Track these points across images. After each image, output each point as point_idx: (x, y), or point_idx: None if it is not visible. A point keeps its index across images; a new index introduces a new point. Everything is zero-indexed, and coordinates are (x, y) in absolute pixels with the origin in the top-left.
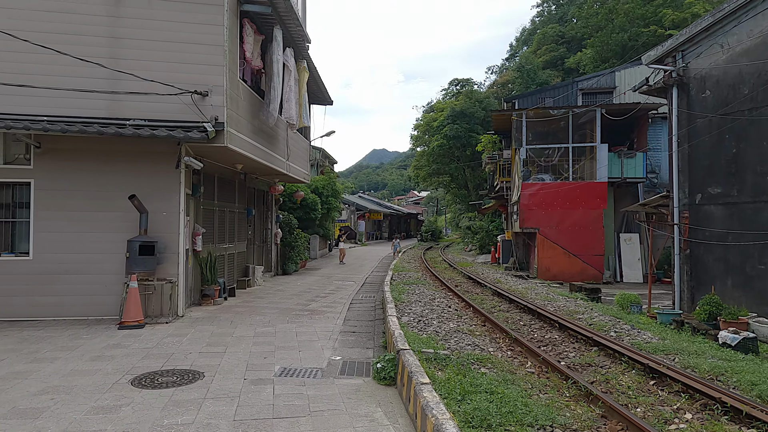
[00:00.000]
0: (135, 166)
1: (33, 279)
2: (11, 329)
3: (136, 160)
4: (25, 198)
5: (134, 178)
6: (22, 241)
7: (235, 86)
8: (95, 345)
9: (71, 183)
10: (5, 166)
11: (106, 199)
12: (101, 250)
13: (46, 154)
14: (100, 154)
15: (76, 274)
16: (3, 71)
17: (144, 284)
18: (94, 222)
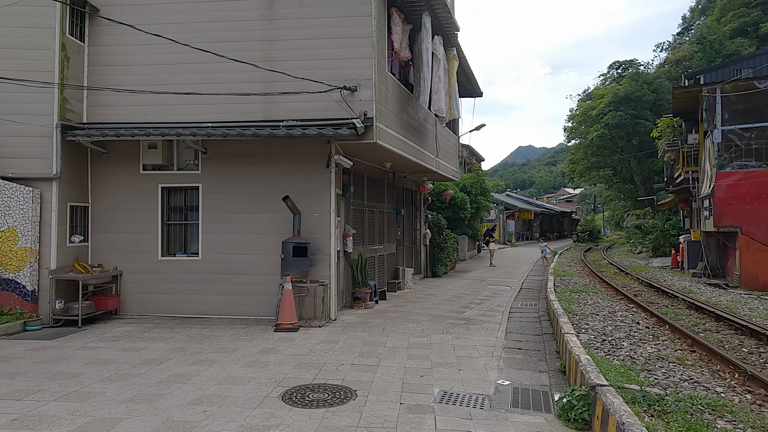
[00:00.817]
0: (288, 167)
1: (202, 278)
2: (183, 326)
3: (289, 161)
4: (195, 201)
5: (287, 179)
6: (193, 242)
7: (383, 79)
8: (252, 348)
9: (232, 186)
10: (179, 172)
11: (263, 201)
12: (259, 251)
13: (211, 159)
14: (256, 157)
15: (237, 274)
16: (174, 83)
17: (297, 286)
18: (252, 223)
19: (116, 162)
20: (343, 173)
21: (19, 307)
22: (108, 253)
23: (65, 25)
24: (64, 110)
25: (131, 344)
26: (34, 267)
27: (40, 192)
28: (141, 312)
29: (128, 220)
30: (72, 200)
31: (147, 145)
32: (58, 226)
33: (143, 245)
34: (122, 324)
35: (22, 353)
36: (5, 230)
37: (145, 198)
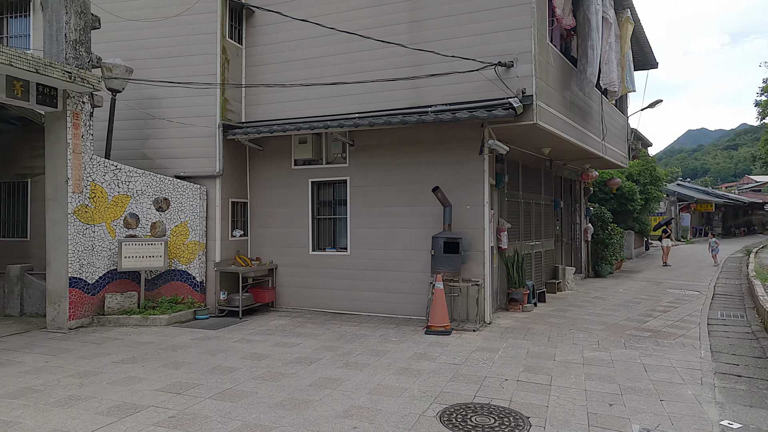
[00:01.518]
0: (437, 156)
1: (350, 274)
2: (332, 322)
3: (438, 149)
4: (343, 195)
5: (436, 169)
6: (342, 237)
7: (544, 51)
8: (403, 352)
9: (379, 178)
10: (327, 166)
11: (411, 193)
12: (408, 247)
13: (358, 151)
14: (404, 147)
15: (386, 270)
16: (321, 76)
17: (449, 285)
18: (400, 217)
19: (270, 158)
20: (496, 161)
21: (190, 296)
22: (265, 247)
23: (225, 29)
24: (225, 111)
25: (284, 339)
26: (202, 259)
27: (206, 189)
28: (294, 305)
29: (282, 214)
30: (233, 196)
31: (298, 141)
32: (221, 221)
33: (295, 239)
34: (277, 317)
35: (189, 342)
36: (178, 225)
37: (296, 193)
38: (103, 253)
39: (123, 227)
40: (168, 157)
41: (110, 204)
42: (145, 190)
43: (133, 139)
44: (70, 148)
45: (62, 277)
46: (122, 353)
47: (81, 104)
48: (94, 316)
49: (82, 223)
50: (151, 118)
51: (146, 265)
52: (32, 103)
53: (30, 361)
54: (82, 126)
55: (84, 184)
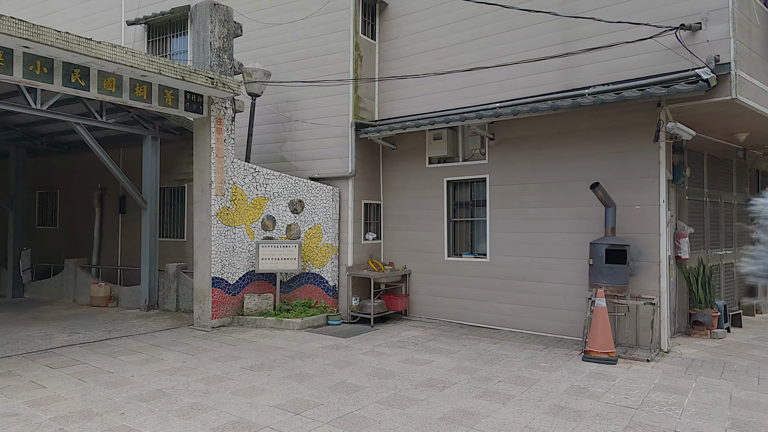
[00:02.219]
0: (594, 147)
1: (490, 283)
2: (469, 337)
3: (596, 139)
4: (482, 195)
5: (594, 163)
6: (480, 242)
7: (745, 5)
8: (555, 383)
9: (523, 175)
10: (464, 163)
11: (561, 192)
12: (558, 254)
13: (499, 145)
14: (553, 138)
15: (532, 281)
16: (457, 65)
17: (613, 302)
18: (548, 220)
19: (404, 157)
20: (673, 151)
21: (323, 300)
22: (398, 252)
23: (358, 25)
24: (357, 109)
25: (416, 354)
26: (335, 263)
27: (338, 190)
28: (428, 315)
29: (415, 217)
30: (365, 198)
31: (432, 137)
32: (353, 223)
33: (430, 244)
34: (409, 327)
35: (317, 351)
36: (312, 227)
37: (431, 193)
38: (243, 255)
39: (261, 229)
40: (303, 159)
41: (249, 206)
42: (281, 192)
43: (271, 143)
44: (213, 152)
45: (206, 277)
46: (252, 358)
47: (223, 109)
48: (234, 316)
49: (223, 224)
50: (288, 120)
51: (281, 267)
52: (181, 110)
53: (170, 359)
54: (225, 131)
55: (226, 187)
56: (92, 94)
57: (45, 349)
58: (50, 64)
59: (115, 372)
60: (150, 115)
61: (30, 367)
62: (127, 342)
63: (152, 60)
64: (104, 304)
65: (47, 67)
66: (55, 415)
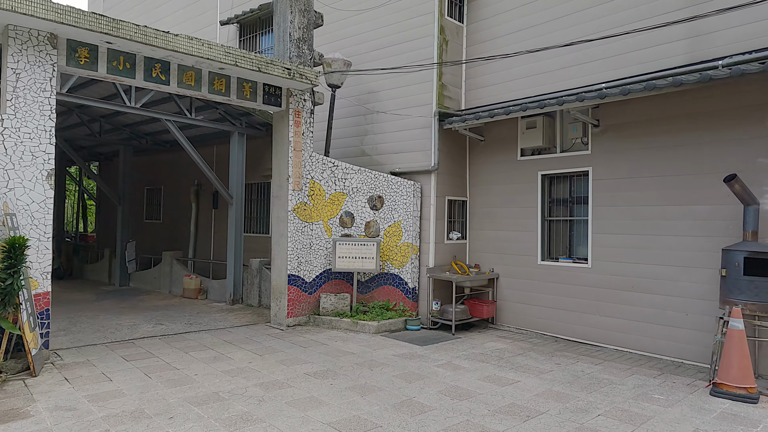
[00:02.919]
0: (729, 131)
1: (591, 293)
2: (564, 354)
3: (731, 121)
4: (583, 191)
5: (728, 150)
6: (580, 244)
7: None
8: (674, 425)
9: (633, 168)
10: (562, 155)
11: (683, 186)
12: (677, 261)
13: (605, 133)
14: (672, 122)
15: (642, 292)
16: (554, 42)
17: (754, 324)
18: (665, 220)
19: (493, 150)
20: None
21: (402, 303)
22: (485, 253)
23: (444, 6)
24: (442, 98)
25: (498, 371)
26: (415, 263)
27: (420, 186)
28: (518, 325)
29: (505, 215)
30: (450, 194)
31: (525, 126)
32: (436, 222)
33: (520, 245)
34: (495, 338)
35: (389, 359)
36: (392, 225)
37: (523, 189)
38: (320, 252)
39: (339, 226)
40: (384, 152)
41: (327, 202)
42: (360, 188)
43: (352, 136)
44: (291, 146)
45: (282, 274)
46: (319, 363)
47: (302, 102)
48: (310, 315)
49: (300, 220)
50: (369, 112)
51: (359, 266)
52: (259, 103)
53: (238, 359)
54: (303, 123)
55: (303, 182)
56: (172, 88)
57: (128, 339)
58: (132, 60)
59: (181, 369)
60: (237, 112)
61: (107, 357)
62: (203, 337)
63: (228, 52)
64: (194, 296)
65: (130, 63)
66: (108, 413)
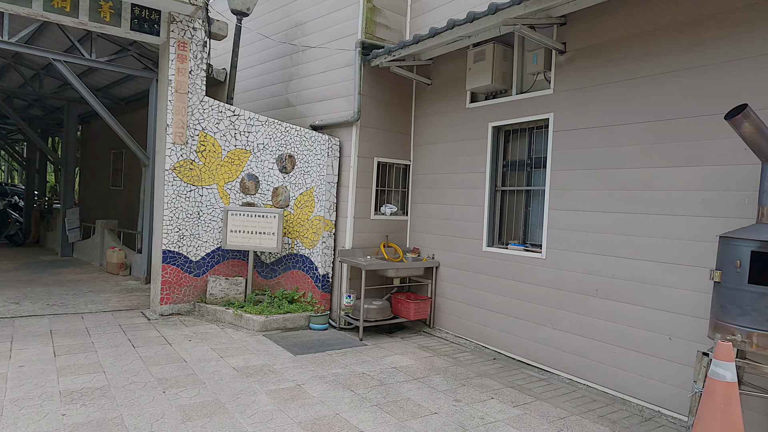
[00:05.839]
0: (755, 44)
1: (543, 295)
2: (489, 380)
3: (757, 29)
4: (543, 150)
5: (744, 77)
6: (537, 226)
7: None
8: None
9: (609, 112)
10: (519, 97)
11: (681, 137)
12: (665, 255)
13: (572, 62)
14: (667, 37)
15: (609, 299)
16: None
17: (764, 368)
18: (652, 190)
19: (441, 96)
20: None
21: (311, 294)
22: (428, 234)
23: None
24: (371, 24)
25: (348, 411)
26: (328, 243)
27: (339, 142)
28: (457, 331)
29: (450, 184)
30: (382, 155)
31: (473, 58)
32: (357, 190)
33: (465, 225)
34: (415, 348)
35: (224, 373)
36: (304, 192)
37: (471, 148)
38: (212, 224)
39: (239, 191)
40: (308, 101)
41: (224, 161)
42: (268, 144)
43: (278, 83)
44: (172, 87)
45: (157, 250)
46: (98, 375)
47: (189, 31)
48: (196, 302)
49: (184, 183)
50: (295, 51)
51: (256, 244)
52: (125, 30)
53: (31, 359)
54: (191, 59)
55: (190, 134)
56: None
57: None
58: None
59: None
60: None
61: None
62: (37, 323)
63: None
64: (116, 272)
65: None
66: None
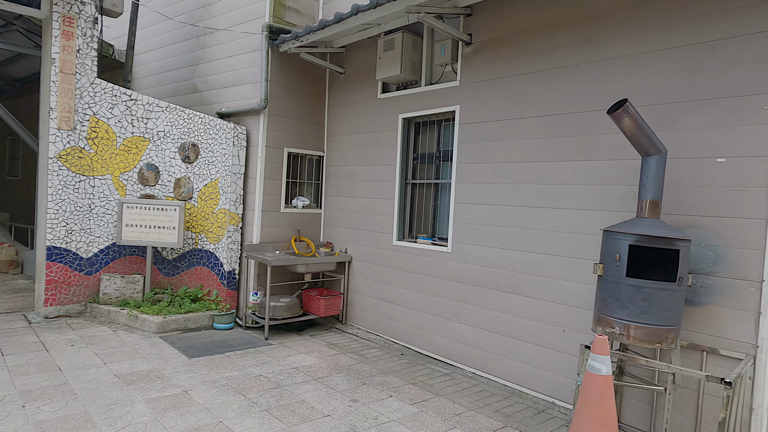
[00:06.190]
0: (639, 42)
1: (449, 289)
2: (393, 377)
3: (650, 23)
4: (450, 144)
5: (638, 70)
6: (444, 220)
7: None
8: None
9: (511, 105)
10: (429, 88)
11: (576, 131)
12: (560, 249)
13: (478, 54)
14: (567, 29)
15: (509, 292)
16: None
17: (641, 362)
18: (550, 184)
19: (354, 86)
20: None
21: (216, 291)
22: (341, 228)
23: None
24: (280, 7)
25: (292, 412)
26: (234, 238)
27: (246, 131)
28: (368, 327)
29: (363, 176)
30: (294, 145)
31: (383, 47)
32: (265, 182)
33: (377, 219)
34: (322, 346)
35: (140, 384)
36: (208, 184)
37: (382, 140)
38: (106, 218)
39: (138, 183)
40: (216, 87)
41: (120, 149)
42: (170, 132)
43: (185, 67)
44: (56, 66)
45: (41, 247)
46: None
47: (77, 5)
48: (88, 303)
49: (72, 172)
50: (202, 33)
51: (154, 239)
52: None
53: None
54: (79, 36)
55: (78, 119)
56: None
57: None
58: None
59: None
60: None
61: None
62: None
63: None
64: (5, 270)
65: None
66: None
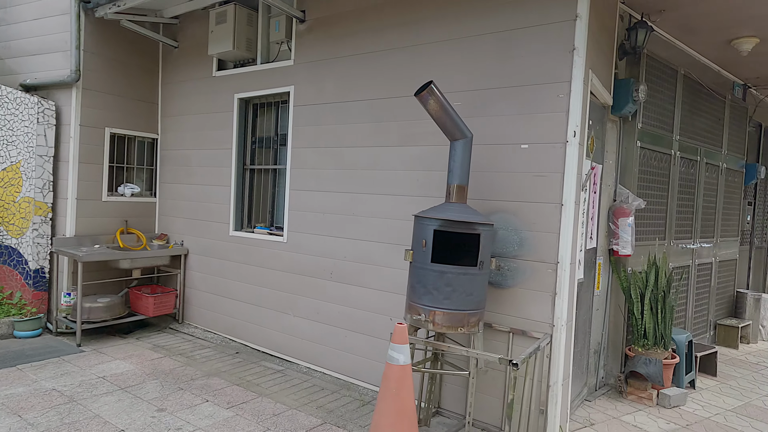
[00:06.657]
0: (467, 27)
1: (285, 281)
2: (218, 380)
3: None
4: (287, 127)
5: (459, 56)
6: (281, 208)
7: None
8: None
9: (342, 87)
10: (263, 68)
11: (401, 116)
12: (386, 236)
13: (311, 32)
14: (395, 9)
15: (340, 282)
16: None
17: (443, 347)
18: (379, 170)
19: (189, 61)
20: (620, 53)
21: (20, 293)
22: (177, 218)
23: None
24: None
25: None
26: (42, 231)
27: (55, 106)
28: (206, 325)
29: (199, 161)
30: (118, 125)
31: (215, 20)
32: (80, 166)
33: (213, 208)
34: (144, 350)
35: None
36: (7, 168)
37: (218, 122)
38: None
39: None
40: (19, 54)
41: None
42: None
43: None
44: None
45: None
46: None
47: None
48: None
49: None
50: None
51: None
52: None
53: None
54: None
55: None
56: None
57: None
58: None
59: None
60: None
61: None
62: None
63: None
64: None
65: None
66: None
